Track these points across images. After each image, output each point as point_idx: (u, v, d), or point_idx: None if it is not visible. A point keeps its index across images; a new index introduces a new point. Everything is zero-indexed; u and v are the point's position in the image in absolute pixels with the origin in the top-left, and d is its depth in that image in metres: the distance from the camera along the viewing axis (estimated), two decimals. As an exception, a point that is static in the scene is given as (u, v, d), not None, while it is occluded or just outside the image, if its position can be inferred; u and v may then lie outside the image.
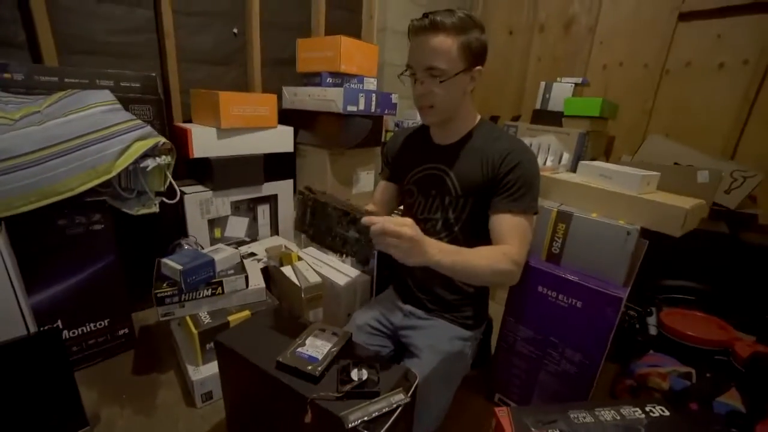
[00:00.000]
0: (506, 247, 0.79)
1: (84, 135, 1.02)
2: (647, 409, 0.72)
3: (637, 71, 2.09)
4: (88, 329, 1.16)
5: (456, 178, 0.88)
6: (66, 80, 1.17)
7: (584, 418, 0.69)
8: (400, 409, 0.61)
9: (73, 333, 1.13)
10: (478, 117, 0.92)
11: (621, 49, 2.13)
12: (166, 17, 1.49)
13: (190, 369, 1.06)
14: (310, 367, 0.66)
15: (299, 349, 0.71)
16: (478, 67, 0.82)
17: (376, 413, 0.59)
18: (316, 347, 0.72)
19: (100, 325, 1.18)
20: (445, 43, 0.76)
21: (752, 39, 1.76)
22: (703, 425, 0.76)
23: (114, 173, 1.04)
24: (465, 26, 0.77)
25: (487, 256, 0.76)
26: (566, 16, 2.29)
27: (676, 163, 1.72)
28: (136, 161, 1.09)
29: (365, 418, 0.58)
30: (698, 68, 1.92)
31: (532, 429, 0.66)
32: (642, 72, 2.08)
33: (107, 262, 1.15)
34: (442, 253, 0.69)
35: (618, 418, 0.70)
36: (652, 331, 1.22)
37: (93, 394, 1.07)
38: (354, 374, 0.66)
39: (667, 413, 0.71)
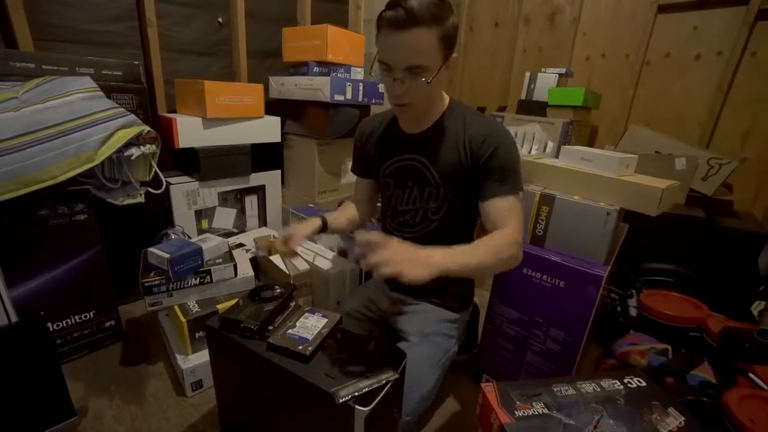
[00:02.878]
0: (505, 231, 0.78)
1: (65, 122, 1.00)
2: (625, 380, 0.75)
3: (618, 62, 2.14)
4: (74, 321, 1.14)
5: (434, 168, 0.85)
6: (44, 67, 1.14)
7: (567, 390, 0.72)
8: (389, 385, 0.63)
9: (58, 325, 1.11)
10: (447, 99, 0.87)
11: (603, 41, 2.17)
12: (149, 5, 1.46)
13: (179, 358, 1.06)
14: (300, 347, 0.67)
15: (290, 331, 0.72)
16: (454, 54, 0.77)
17: (366, 389, 0.61)
18: (306, 328, 0.73)
19: (86, 317, 1.16)
20: (425, 37, 0.69)
21: (725, 31, 1.82)
22: (678, 395, 0.81)
23: (97, 162, 1.02)
24: (442, 14, 0.70)
25: (493, 250, 0.74)
26: (550, 7, 2.32)
27: (657, 152, 1.77)
28: (120, 150, 1.08)
29: (356, 393, 0.59)
30: (677, 59, 1.97)
31: (517, 402, 0.69)
32: (623, 63, 2.12)
33: (91, 253, 1.13)
34: (447, 256, 0.68)
35: (598, 390, 0.73)
36: (633, 312, 1.26)
37: (80, 387, 1.06)
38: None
39: (644, 384, 0.74)
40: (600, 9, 2.15)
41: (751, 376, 0.87)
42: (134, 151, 1.12)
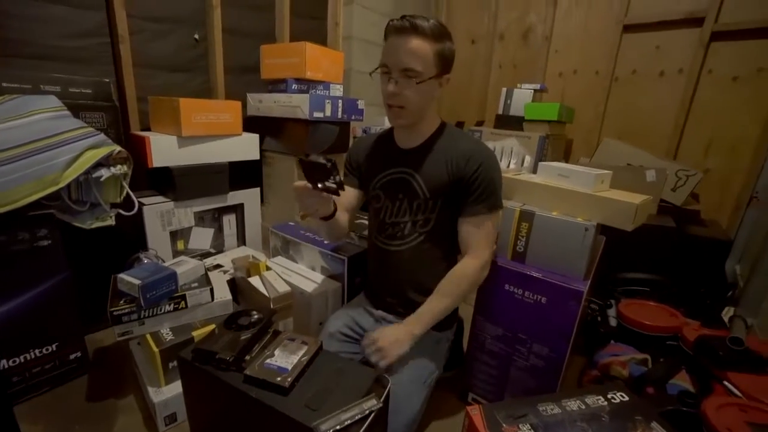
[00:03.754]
0: (464, 263, 0.89)
1: (27, 143, 0.95)
2: (609, 396, 0.75)
3: (589, 78, 2.23)
4: (33, 356, 1.05)
5: (423, 181, 0.90)
6: (4, 85, 1.08)
7: (552, 410, 0.72)
8: (372, 415, 0.61)
9: (14, 361, 1.02)
10: (439, 120, 0.94)
11: (574, 57, 2.26)
12: (120, 21, 1.43)
13: (152, 391, 1.00)
14: (279, 379, 0.64)
15: (268, 360, 0.69)
16: (447, 75, 0.86)
17: (349, 421, 0.58)
18: (286, 357, 0.70)
19: (47, 350, 1.08)
20: (423, 46, 0.79)
21: (684, 50, 1.93)
22: (659, 406, 0.82)
23: (62, 184, 0.97)
24: (441, 34, 0.81)
25: (453, 290, 0.89)
26: (524, 25, 2.41)
27: (629, 164, 1.84)
28: (88, 171, 1.03)
29: (337, 427, 0.57)
30: (643, 75, 2.08)
31: (504, 425, 0.68)
32: (594, 78, 2.21)
33: (56, 280, 1.06)
34: (412, 325, 0.86)
35: (583, 407, 0.73)
36: (613, 322, 1.28)
37: (39, 429, 0.97)
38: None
39: (627, 398, 0.74)
40: (570, 28, 2.25)
41: (727, 383, 0.89)
42: (104, 173, 1.07)
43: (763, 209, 1.72)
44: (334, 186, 0.73)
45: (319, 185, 0.75)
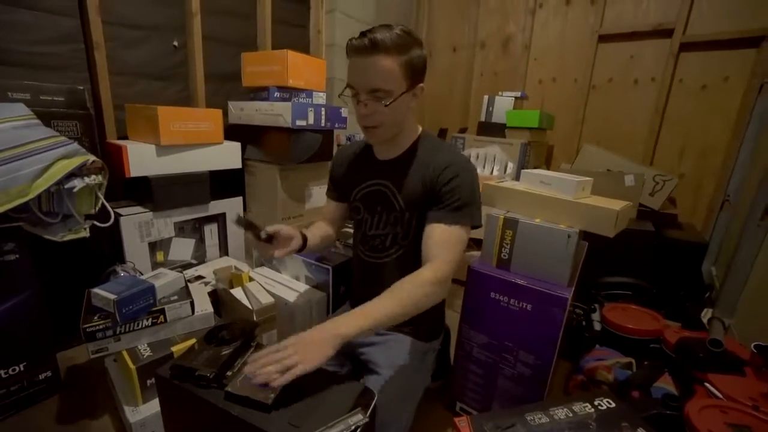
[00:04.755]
0: (422, 270, 0.77)
1: (-9, 154, 0.90)
2: (596, 403, 0.75)
3: (568, 86, 2.29)
4: (-2, 377, 1.00)
5: (399, 194, 0.87)
6: (-32, 92, 1.04)
7: (540, 419, 0.71)
8: (359, 430, 0.59)
9: (-23, 383, 0.97)
10: (420, 129, 0.92)
11: (553, 66, 2.32)
12: (95, 27, 1.39)
13: (128, 410, 0.95)
14: (261, 395, 0.62)
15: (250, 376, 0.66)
16: (420, 85, 0.82)
17: (335, 437, 0.57)
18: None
19: (14, 370, 1.02)
20: (387, 64, 0.74)
21: (656, 59, 2.01)
22: (643, 410, 0.83)
23: (31, 196, 0.93)
24: (406, 44, 0.75)
25: (400, 296, 0.73)
26: (504, 34, 2.46)
27: (608, 170, 1.88)
28: (60, 182, 0.99)
29: (323, 444, 0.55)
30: (618, 84, 2.14)
31: (492, 435, 0.67)
32: (572, 86, 2.27)
33: (23, 297, 1.01)
34: (342, 324, 0.67)
35: (570, 415, 0.73)
36: (597, 326, 1.30)
37: (5, 454, 0.92)
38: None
39: (613, 404, 0.75)
40: (548, 37, 2.31)
41: (707, 385, 0.90)
42: (77, 183, 1.03)
43: (734, 212, 1.79)
44: (265, 238, 0.87)
45: (259, 238, 0.87)
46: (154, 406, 0.96)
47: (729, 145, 1.89)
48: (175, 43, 1.65)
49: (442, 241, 0.80)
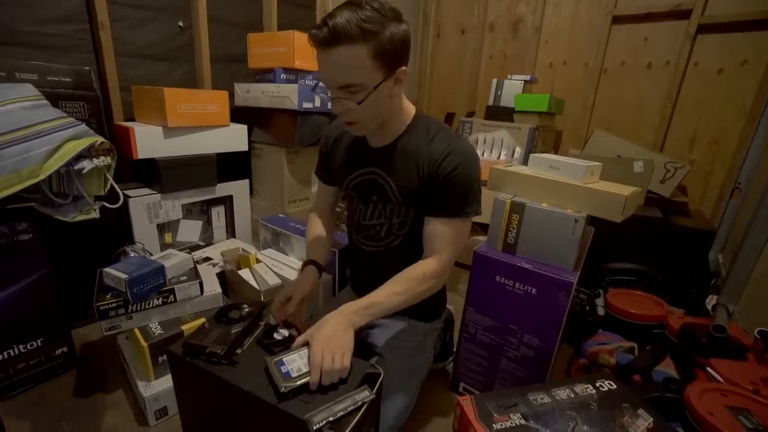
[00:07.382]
0: (426, 263, 0.78)
1: (3, 134, 0.91)
2: (597, 384, 0.77)
3: (579, 69, 2.24)
4: (17, 352, 1.03)
5: (395, 185, 0.82)
6: (-23, 73, 1.04)
7: (542, 399, 0.73)
8: (365, 406, 0.61)
9: (-1, 357, 1.00)
10: (413, 111, 0.83)
11: (564, 49, 2.26)
12: (100, 7, 1.38)
13: (141, 385, 0.99)
14: (283, 383, 0.62)
15: (285, 358, 0.66)
16: (402, 68, 0.70)
17: (342, 412, 0.58)
18: (301, 364, 0.67)
19: (32, 345, 1.06)
20: (354, 55, 0.64)
21: (671, 42, 1.95)
22: (644, 393, 0.84)
23: (42, 176, 0.94)
24: (375, 26, 0.63)
25: (406, 288, 0.75)
26: (513, 16, 2.40)
27: (618, 156, 1.86)
28: (70, 163, 1.00)
29: (330, 419, 0.57)
30: (631, 67, 2.09)
31: (495, 414, 0.69)
32: (583, 70, 2.22)
33: (38, 275, 1.04)
34: (356, 315, 0.70)
35: (572, 396, 0.74)
36: (600, 311, 1.30)
37: (24, 426, 0.96)
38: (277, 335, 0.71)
39: (614, 386, 0.76)
40: (560, 19, 2.24)
41: (709, 370, 0.91)
42: (86, 164, 1.04)
43: (744, 200, 1.76)
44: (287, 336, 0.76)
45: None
46: (165, 381, 0.99)
47: (742, 131, 1.84)
48: (181, 24, 1.63)
49: (444, 235, 0.78)
